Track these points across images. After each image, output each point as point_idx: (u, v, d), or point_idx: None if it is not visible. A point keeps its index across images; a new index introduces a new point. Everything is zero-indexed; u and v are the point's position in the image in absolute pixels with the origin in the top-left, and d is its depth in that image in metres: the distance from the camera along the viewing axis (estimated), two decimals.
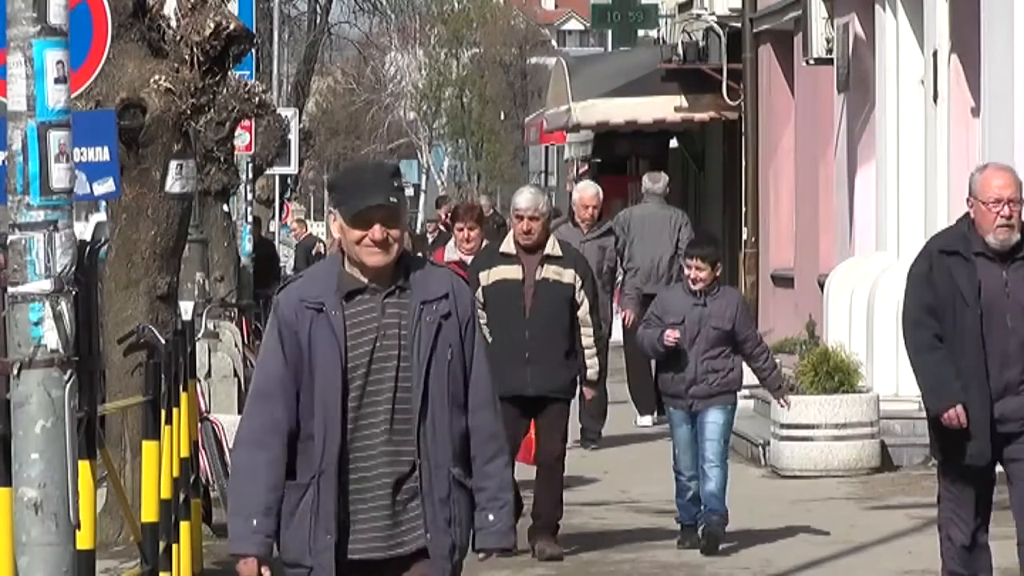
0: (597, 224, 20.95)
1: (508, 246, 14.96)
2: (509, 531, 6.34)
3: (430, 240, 33.35)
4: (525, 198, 15.00)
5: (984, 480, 11.29)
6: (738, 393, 14.93)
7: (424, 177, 77.11)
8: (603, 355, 16.01)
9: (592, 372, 15.73)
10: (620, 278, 24.16)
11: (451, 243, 17.58)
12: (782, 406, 14.70)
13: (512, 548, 6.51)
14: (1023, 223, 10.90)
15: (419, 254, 11.56)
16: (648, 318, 15.45)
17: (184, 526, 14.10)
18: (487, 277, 14.87)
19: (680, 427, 14.71)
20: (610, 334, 21.55)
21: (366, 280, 6.25)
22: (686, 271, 14.56)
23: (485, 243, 17.66)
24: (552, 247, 15.06)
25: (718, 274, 14.53)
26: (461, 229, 17.45)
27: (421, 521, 6.20)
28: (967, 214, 11.08)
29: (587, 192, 21.25)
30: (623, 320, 24.00)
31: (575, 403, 17.12)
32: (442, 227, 34.46)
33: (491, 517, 6.25)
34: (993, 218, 10.59)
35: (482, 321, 13.57)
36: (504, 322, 14.75)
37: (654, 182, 25.66)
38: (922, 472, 19.71)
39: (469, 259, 16.69)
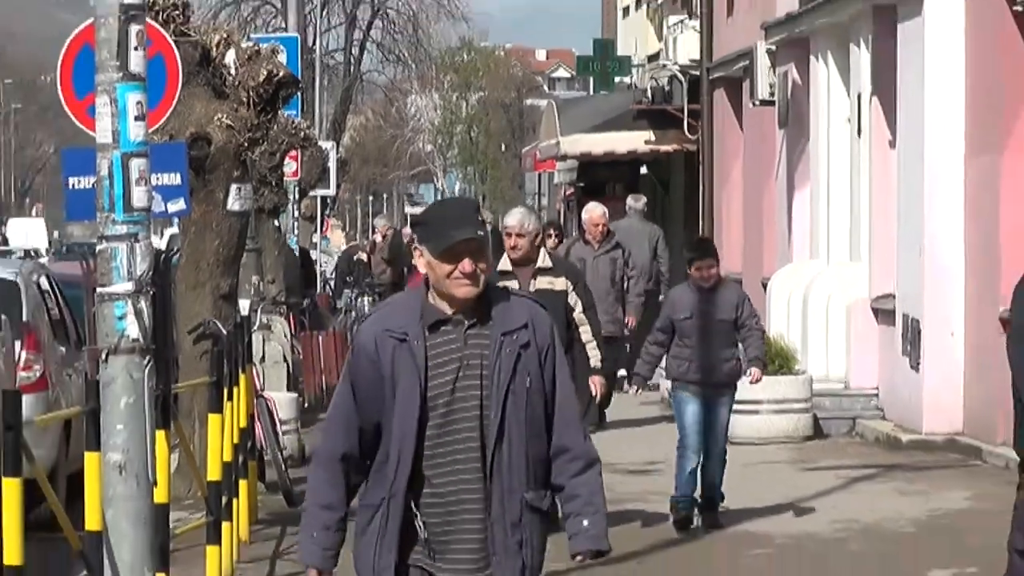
0: (606, 240, 20.32)
1: (504, 264, 14.12)
2: (602, 534, 5.74)
3: None
4: (513, 217, 14.44)
5: None
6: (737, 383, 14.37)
7: (439, 198, 77.26)
8: (602, 349, 14.92)
9: (595, 361, 14.63)
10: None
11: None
12: (753, 377, 14.41)
13: (607, 550, 5.82)
14: None
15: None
16: (661, 324, 14.50)
17: (242, 484, 14.15)
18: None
19: (689, 408, 14.04)
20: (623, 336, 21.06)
21: (450, 312, 5.61)
22: (695, 272, 13.94)
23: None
24: (543, 260, 14.33)
25: (718, 272, 14.05)
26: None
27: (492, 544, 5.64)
28: None
29: (595, 212, 20.70)
30: (626, 324, 22.18)
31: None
32: None
33: (585, 523, 5.67)
34: None
35: None
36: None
37: (636, 201, 25.69)
38: (847, 440, 19.69)
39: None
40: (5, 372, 13.47)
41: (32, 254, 30.09)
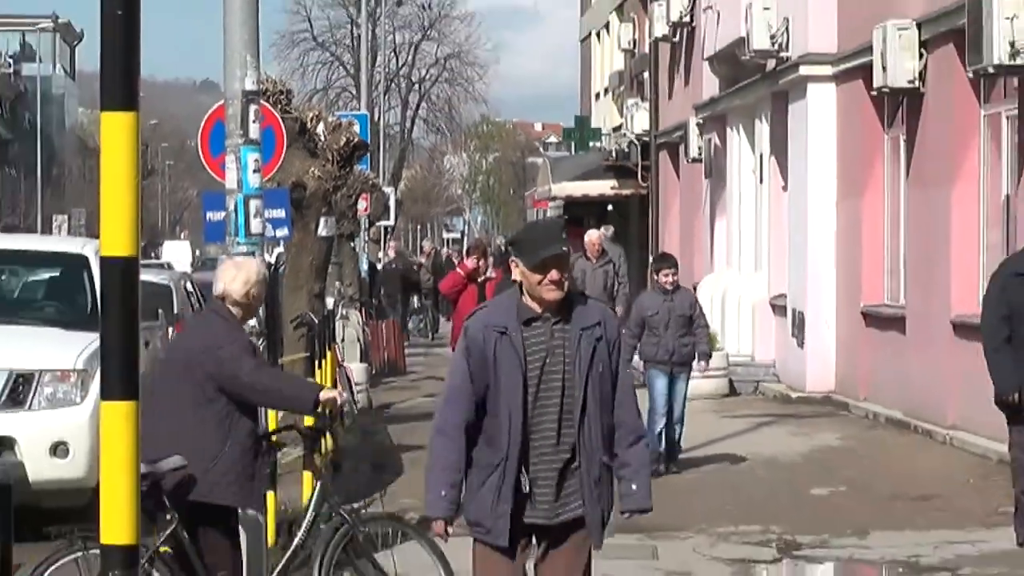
0: (601, 256, 19.57)
1: (514, 276, 13.58)
2: (648, 496, 5.56)
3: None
4: (594, 234, 14.01)
5: None
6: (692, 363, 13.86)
7: (467, 227, 76.76)
8: None
9: None
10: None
11: (468, 261, 17.08)
12: (703, 368, 14.28)
13: (649, 509, 5.66)
14: None
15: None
16: (635, 321, 13.82)
17: (328, 435, 14.19)
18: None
19: (659, 382, 13.50)
20: None
21: (540, 310, 5.41)
22: (661, 277, 13.52)
23: (491, 270, 16.54)
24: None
25: (678, 278, 13.69)
26: (470, 255, 17.09)
27: (579, 496, 5.42)
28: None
29: (594, 236, 20.11)
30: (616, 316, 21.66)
31: None
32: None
33: (634, 486, 5.50)
34: None
35: None
36: None
37: (606, 230, 25.22)
38: (753, 397, 19.65)
39: (477, 275, 14.97)
40: (161, 351, 13.44)
41: (166, 266, 30.16)
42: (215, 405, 7.32)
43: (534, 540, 5.55)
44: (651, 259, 24.89)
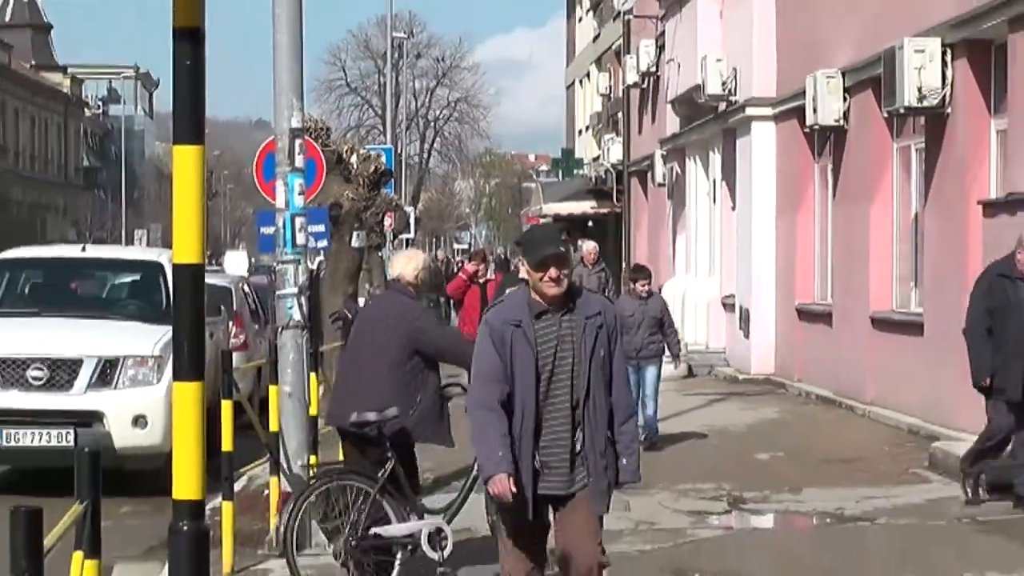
0: (596, 263, 18.30)
1: (521, 274, 13.26)
2: (637, 470, 5.28)
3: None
4: (587, 246, 13.82)
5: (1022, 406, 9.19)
6: (662, 357, 13.27)
7: (473, 240, 76.81)
8: None
9: None
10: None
11: (469, 266, 16.87)
12: (676, 366, 14.34)
13: (639, 481, 5.42)
14: None
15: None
16: None
17: None
18: (512, 290, 12.83)
19: (629, 376, 13.00)
20: None
21: (547, 304, 5.10)
22: (638, 286, 13.00)
23: (491, 273, 16.51)
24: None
25: (651, 286, 13.28)
26: (472, 261, 16.92)
27: (585, 468, 5.15)
28: (1013, 254, 9.39)
29: (590, 245, 19.08)
30: None
31: None
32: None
33: (624, 461, 5.20)
34: None
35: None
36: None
37: (585, 242, 25.42)
38: (707, 378, 19.60)
39: (479, 278, 15.12)
40: (223, 340, 13.44)
41: (236, 271, 30.22)
42: (408, 364, 7.74)
43: (550, 509, 5.27)
44: (626, 268, 24.93)
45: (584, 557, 5.13)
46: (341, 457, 8.92)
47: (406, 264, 8.10)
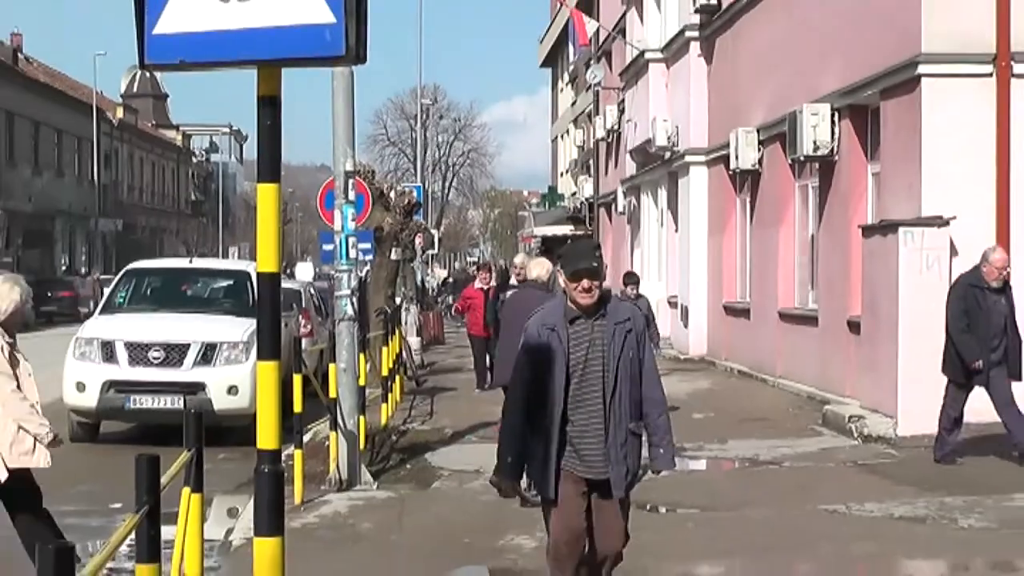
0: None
1: (514, 279, 12.06)
2: (672, 459, 4.68)
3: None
4: (519, 258, 13.38)
5: (970, 391, 8.87)
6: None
7: (481, 254, 76.52)
8: None
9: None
10: None
11: (477, 280, 16.76)
12: (655, 352, 13.26)
13: (674, 468, 4.82)
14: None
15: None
16: None
17: (398, 379, 14.10)
18: (506, 295, 12.39)
19: None
20: None
21: (580, 311, 4.48)
22: (628, 290, 12.10)
23: (494, 281, 16.27)
24: (534, 278, 12.59)
25: (638, 289, 12.44)
26: (480, 272, 16.89)
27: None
28: (978, 267, 8.96)
29: (521, 261, 17.59)
30: None
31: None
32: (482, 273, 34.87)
33: (661, 450, 4.60)
34: (996, 274, 8.78)
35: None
36: (515, 313, 12.09)
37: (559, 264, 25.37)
38: (656, 359, 19.62)
39: (484, 286, 15.19)
40: (295, 330, 13.45)
41: (304, 277, 30.23)
42: None
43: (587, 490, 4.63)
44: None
45: (609, 537, 4.54)
46: (383, 416, 8.88)
47: (539, 269, 8.55)
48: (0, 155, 41.19)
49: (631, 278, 12.90)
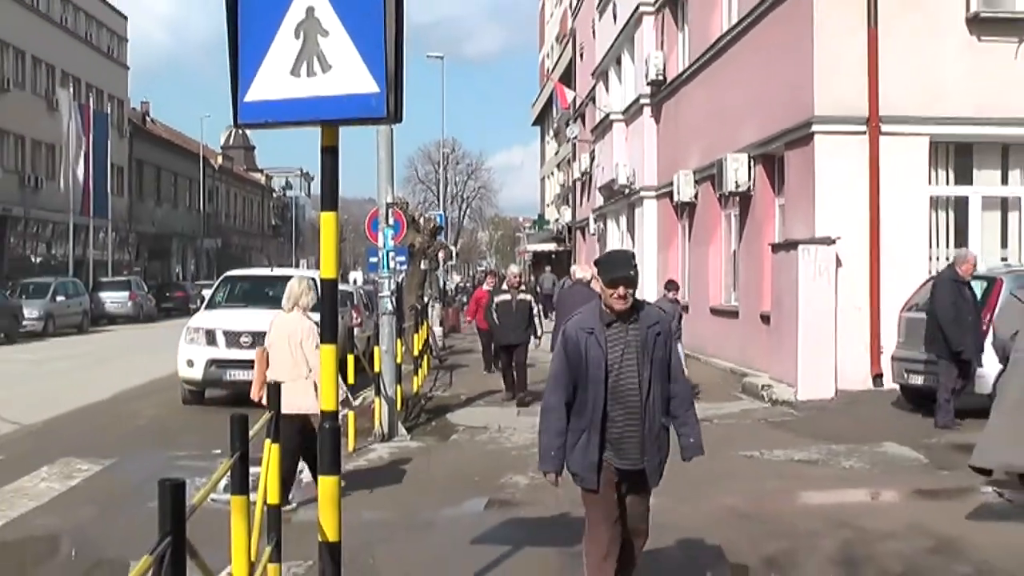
0: (517, 287, 12.19)
1: (506, 285, 11.58)
2: (701, 446, 3.86)
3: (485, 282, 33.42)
4: (514, 268, 12.68)
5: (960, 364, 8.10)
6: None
7: (487, 265, 76.17)
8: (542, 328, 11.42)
9: (539, 332, 11.10)
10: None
11: (485, 283, 16.77)
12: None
13: (703, 453, 3.91)
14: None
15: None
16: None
17: (426, 357, 13.98)
18: (498, 298, 11.06)
19: None
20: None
21: (615, 316, 3.74)
22: (671, 293, 10.80)
23: (495, 284, 16.28)
24: (520, 284, 11.47)
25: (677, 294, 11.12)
26: (488, 277, 16.82)
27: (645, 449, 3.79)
28: (953, 266, 8.28)
29: (580, 267, 14.89)
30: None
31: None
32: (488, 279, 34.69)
33: (691, 440, 3.83)
34: (971, 270, 8.17)
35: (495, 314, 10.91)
36: (504, 313, 10.75)
37: (548, 270, 25.19)
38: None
39: (490, 288, 14.42)
40: (349, 321, 13.40)
41: (356, 282, 29.98)
42: None
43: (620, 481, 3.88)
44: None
45: (639, 522, 3.88)
46: (415, 385, 8.83)
47: (583, 271, 8.81)
48: (132, 192, 41.51)
49: (672, 285, 11.38)
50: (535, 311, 10.99)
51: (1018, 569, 4.48)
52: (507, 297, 10.96)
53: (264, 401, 5.08)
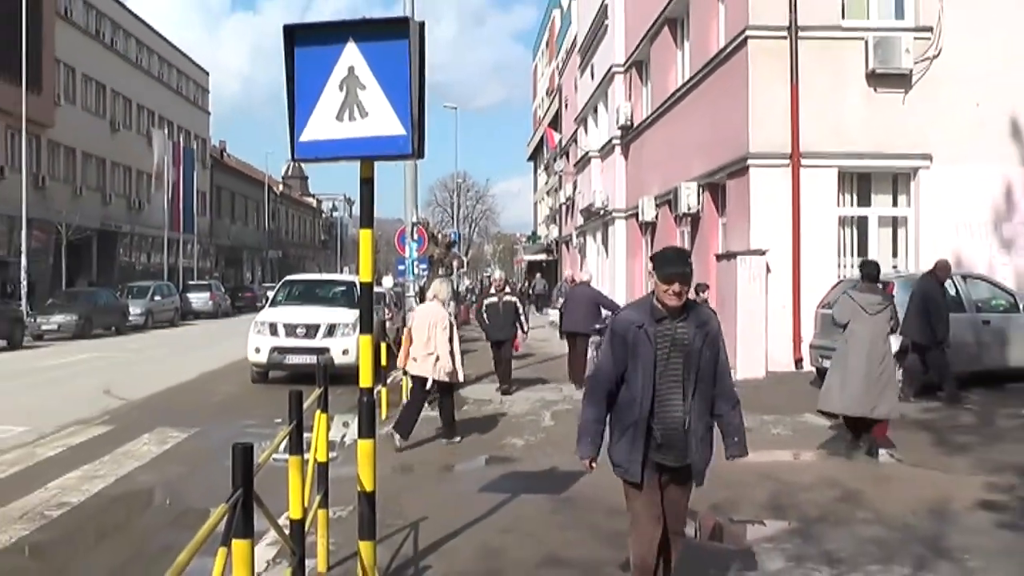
0: (500, 290, 10.18)
1: (493, 288, 9.97)
2: (745, 447, 3.14)
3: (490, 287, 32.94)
4: (496, 273, 11.01)
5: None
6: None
7: (491, 271, 75.99)
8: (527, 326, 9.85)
9: (525, 328, 9.75)
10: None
11: (492, 286, 16.15)
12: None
13: (747, 455, 3.16)
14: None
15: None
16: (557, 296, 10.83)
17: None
18: (487, 300, 9.82)
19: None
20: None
21: (666, 312, 3.02)
22: (702, 295, 9.43)
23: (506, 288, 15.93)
24: (506, 288, 9.88)
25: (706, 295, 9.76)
26: (494, 281, 16.65)
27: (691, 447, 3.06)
28: (933, 271, 7.80)
29: (574, 271, 14.37)
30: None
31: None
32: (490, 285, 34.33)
33: (736, 439, 3.12)
34: (948, 276, 7.78)
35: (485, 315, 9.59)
36: (493, 314, 9.53)
37: (542, 275, 25.02)
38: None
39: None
40: (382, 316, 13.30)
41: (387, 285, 29.96)
42: (595, 309, 9.01)
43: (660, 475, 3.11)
44: (563, 282, 24.31)
45: (674, 521, 3.15)
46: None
47: (586, 275, 9.32)
48: (213, 212, 42.00)
49: (703, 287, 9.85)
50: (520, 310, 10.16)
51: (906, 514, 4.48)
52: (494, 299, 9.95)
53: (408, 368, 6.48)
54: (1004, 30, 9.79)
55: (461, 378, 6.54)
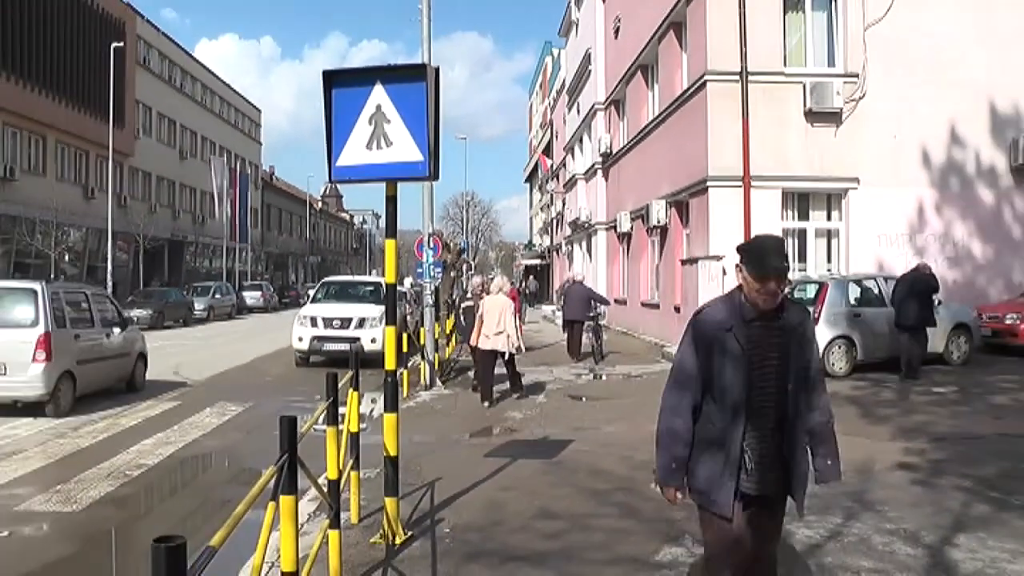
0: (576, 283, 10.38)
1: (471, 293, 9.00)
2: (839, 470, 2.16)
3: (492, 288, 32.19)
4: (476, 279, 9.43)
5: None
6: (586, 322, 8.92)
7: (493, 274, 75.45)
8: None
9: (514, 338, 7.03)
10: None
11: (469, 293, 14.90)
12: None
13: (840, 479, 2.18)
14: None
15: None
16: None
17: (454, 336, 13.51)
18: (464, 304, 8.56)
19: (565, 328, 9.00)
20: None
21: (757, 312, 2.10)
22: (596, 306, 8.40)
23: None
24: (483, 292, 8.05)
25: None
26: (493, 282, 16.42)
27: (781, 470, 2.13)
28: (917, 268, 7.38)
29: (572, 271, 12.57)
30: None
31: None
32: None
33: (829, 462, 2.14)
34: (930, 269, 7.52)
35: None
36: (570, 298, 8.29)
37: (535, 278, 24.58)
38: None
39: (519, 289, 13.54)
40: (404, 310, 13.22)
41: (408, 285, 29.85)
42: (590, 301, 8.94)
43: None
44: (557, 288, 24.01)
45: (770, 543, 2.22)
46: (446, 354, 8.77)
47: (579, 274, 9.44)
48: (263, 225, 42.59)
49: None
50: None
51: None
52: (470, 304, 8.82)
53: (480, 344, 6.72)
54: (917, 76, 10.11)
55: (524, 349, 6.92)
